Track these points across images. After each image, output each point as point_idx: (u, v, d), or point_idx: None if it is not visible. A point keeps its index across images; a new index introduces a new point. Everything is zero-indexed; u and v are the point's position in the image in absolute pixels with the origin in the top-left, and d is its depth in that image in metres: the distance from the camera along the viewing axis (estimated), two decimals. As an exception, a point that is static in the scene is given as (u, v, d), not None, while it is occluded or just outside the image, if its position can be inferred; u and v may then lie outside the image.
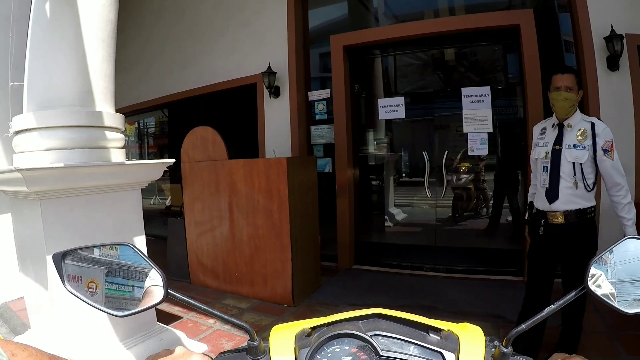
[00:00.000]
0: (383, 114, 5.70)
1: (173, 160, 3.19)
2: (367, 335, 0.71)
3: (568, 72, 2.72)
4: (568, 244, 2.70)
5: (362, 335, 0.71)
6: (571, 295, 0.73)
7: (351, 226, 5.78)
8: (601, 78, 4.40)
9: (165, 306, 4.10)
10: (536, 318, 0.73)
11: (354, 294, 4.65)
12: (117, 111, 3.02)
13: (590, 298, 0.73)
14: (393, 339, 0.72)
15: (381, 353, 0.69)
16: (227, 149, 4.73)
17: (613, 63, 4.31)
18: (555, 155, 2.74)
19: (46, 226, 2.55)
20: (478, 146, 5.02)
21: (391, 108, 5.61)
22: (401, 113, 5.57)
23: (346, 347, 0.71)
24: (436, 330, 0.75)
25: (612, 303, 0.71)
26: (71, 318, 2.62)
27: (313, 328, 0.77)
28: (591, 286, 0.72)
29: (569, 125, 2.72)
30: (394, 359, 0.69)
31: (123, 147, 3.05)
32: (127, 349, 2.86)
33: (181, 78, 7.28)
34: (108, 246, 0.76)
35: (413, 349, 0.71)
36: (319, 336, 0.73)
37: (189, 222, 5.15)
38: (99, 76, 2.79)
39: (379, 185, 6.41)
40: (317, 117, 6.15)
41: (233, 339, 3.56)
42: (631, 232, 2.55)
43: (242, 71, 6.41)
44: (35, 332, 2.98)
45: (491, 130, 4.92)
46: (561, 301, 0.73)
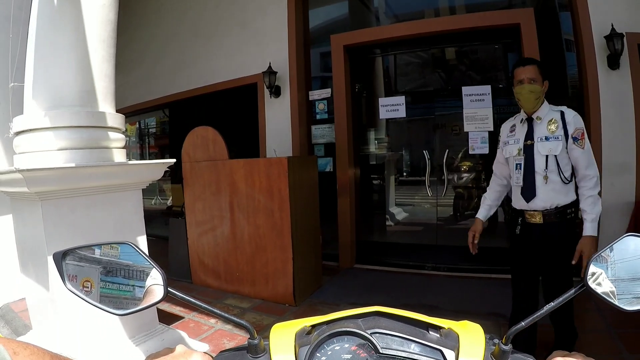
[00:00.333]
0: (384, 113, 5.70)
1: (174, 160, 3.20)
2: (367, 333, 0.71)
3: (529, 64, 2.61)
4: (546, 247, 2.58)
5: (362, 333, 0.71)
6: (570, 292, 0.72)
7: (352, 225, 5.77)
8: (602, 77, 4.39)
9: (166, 306, 4.11)
10: (535, 315, 0.73)
11: (355, 294, 4.65)
12: (118, 111, 3.02)
13: (590, 296, 0.73)
14: (393, 337, 0.72)
15: (381, 351, 0.69)
16: (228, 149, 4.73)
17: (613, 62, 4.31)
18: (528, 150, 2.63)
19: (47, 227, 2.55)
20: (479, 145, 5.02)
21: (392, 107, 5.61)
22: (402, 112, 5.56)
23: (346, 345, 0.72)
24: (436, 327, 0.75)
25: (612, 301, 0.71)
26: (72, 318, 2.62)
27: (313, 326, 0.77)
28: (591, 284, 0.72)
29: (538, 117, 2.61)
30: (394, 357, 0.69)
31: (124, 148, 3.06)
32: (129, 349, 2.86)
33: (182, 78, 7.29)
34: (108, 245, 0.76)
35: (413, 347, 0.71)
36: (319, 334, 0.73)
37: (190, 222, 5.15)
38: (99, 76, 2.79)
39: (380, 184, 6.41)
40: (318, 117, 6.16)
41: (235, 339, 3.56)
42: (589, 229, 2.44)
43: (243, 71, 6.41)
44: (36, 333, 2.98)
45: (492, 129, 4.90)
46: (560, 298, 0.72)
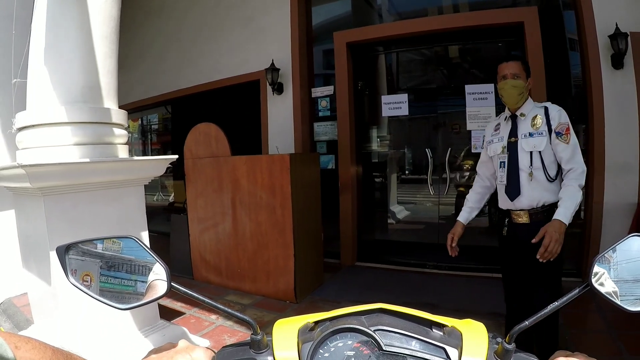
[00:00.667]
0: (386, 111, 5.69)
1: (176, 156, 3.20)
2: (370, 330, 0.71)
3: (513, 60, 2.58)
4: (533, 247, 2.40)
5: (365, 330, 0.71)
6: (575, 292, 0.72)
7: (354, 223, 5.77)
8: (605, 76, 4.37)
9: (168, 302, 4.11)
10: (539, 315, 0.73)
11: (357, 291, 4.65)
12: (121, 108, 3.02)
13: (592, 297, 0.73)
14: (396, 334, 0.72)
15: (384, 348, 0.69)
16: (230, 146, 4.73)
17: (617, 61, 4.29)
18: (512, 148, 2.57)
19: (49, 222, 2.56)
20: (481, 144, 5.00)
21: (394, 105, 5.59)
22: (404, 110, 5.55)
23: (349, 342, 0.71)
24: (439, 325, 0.75)
25: (615, 301, 0.71)
26: (74, 313, 2.63)
27: (316, 322, 0.77)
28: (595, 284, 0.72)
29: (522, 114, 2.56)
30: (397, 354, 0.69)
31: (126, 144, 3.06)
32: (130, 345, 2.87)
33: (184, 75, 7.29)
34: (111, 239, 0.76)
35: (416, 344, 0.71)
36: (322, 330, 0.73)
37: (192, 219, 5.16)
38: (102, 72, 2.79)
39: (382, 182, 6.40)
40: (320, 114, 6.15)
41: (235, 335, 3.57)
42: (560, 214, 2.28)
43: (246, 68, 6.40)
44: (38, 328, 2.99)
45: (494, 127, 4.88)
46: (565, 298, 0.72)
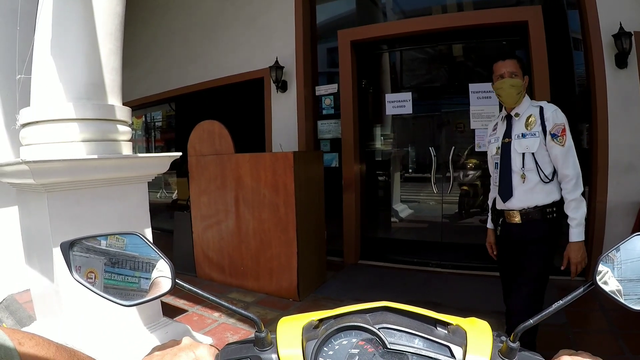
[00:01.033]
0: (390, 110, 5.68)
1: (179, 153, 3.19)
2: (375, 327, 0.71)
3: (509, 58, 2.50)
4: (524, 248, 2.45)
5: (370, 327, 0.70)
6: (579, 291, 0.72)
7: (357, 221, 5.77)
8: (609, 76, 4.36)
9: (170, 299, 4.12)
10: (544, 314, 0.73)
11: (360, 289, 4.65)
12: (125, 104, 3.03)
13: (596, 296, 0.73)
14: (400, 332, 0.71)
15: (388, 346, 0.69)
16: (234, 143, 4.73)
17: (621, 61, 4.28)
18: (505, 148, 2.52)
19: (52, 218, 2.56)
20: (485, 143, 4.99)
21: (398, 103, 5.59)
22: (408, 108, 5.54)
23: (353, 340, 0.71)
24: (444, 324, 0.75)
25: (620, 300, 0.71)
26: (76, 310, 2.64)
27: (320, 320, 0.77)
28: (599, 283, 0.72)
29: (516, 114, 2.50)
30: (401, 352, 0.69)
31: (130, 141, 3.06)
32: (132, 342, 2.87)
33: (188, 72, 7.29)
34: (115, 236, 0.76)
35: (420, 342, 0.70)
36: (327, 328, 0.73)
37: (195, 216, 5.17)
38: (106, 69, 2.79)
39: (386, 180, 6.40)
40: (324, 112, 6.14)
41: (238, 332, 3.57)
42: (575, 235, 2.33)
43: (250, 65, 6.40)
44: (41, 324, 3.00)
45: (498, 126, 4.88)
46: (569, 297, 0.72)
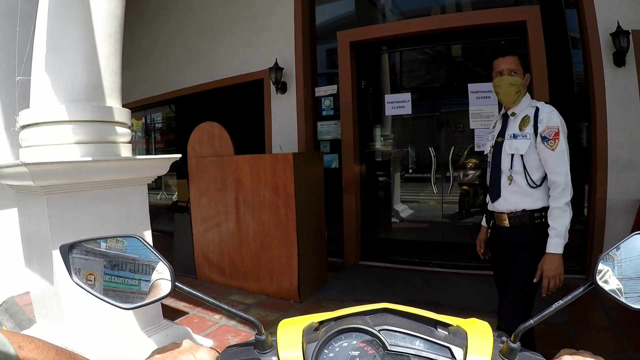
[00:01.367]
0: (390, 110, 5.69)
1: (179, 155, 3.19)
2: (375, 329, 0.70)
3: (510, 54, 2.38)
4: (511, 252, 2.39)
5: (370, 329, 0.70)
6: (579, 290, 0.72)
7: (357, 222, 5.77)
8: (607, 74, 4.38)
9: (171, 301, 4.12)
10: (544, 314, 0.73)
11: (360, 290, 4.65)
12: (124, 106, 3.02)
13: (596, 295, 0.73)
14: (401, 334, 0.71)
15: (389, 347, 0.69)
16: (234, 145, 4.72)
17: (619, 59, 4.30)
18: (497, 148, 2.45)
19: (52, 221, 2.56)
20: (484, 142, 5.00)
21: (398, 104, 5.59)
22: (408, 109, 5.55)
23: (354, 342, 0.71)
24: (444, 325, 0.75)
25: (620, 298, 0.71)
26: (76, 312, 2.63)
27: (320, 322, 0.77)
28: (599, 282, 0.72)
29: (513, 114, 2.40)
30: (402, 354, 0.69)
31: (129, 142, 3.06)
32: (132, 344, 2.87)
33: (188, 73, 7.30)
34: (115, 238, 0.76)
35: (421, 344, 0.70)
36: (327, 330, 0.73)
37: (195, 218, 5.16)
38: (106, 71, 2.79)
39: (386, 181, 6.40)
40: (324, 113, 6.14)
41: (239, 335, 3.57)
42: (553, 246, 2.18)
43: (249, 67, 6.40)
44: (40, 327, 2.99)
45: (498, 126, 4.88)
46: (569, 296, 0.72)
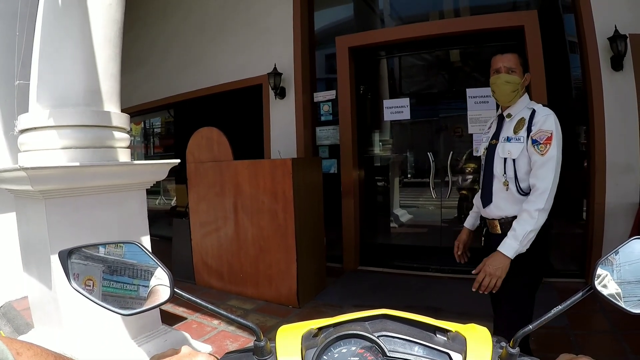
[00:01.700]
0: (388, 115, 5.70)
1: (178, 160, 3.19)
2: (374, 335, 0.71)
3: (509, 52, 2.25)
4: None
5: (369, 335, 0.70)
6: (578, 295, 0.72)
7: (356, 227, 5.76)
8: (605, 78, 4.39)
9: (169, 307, 4.10)
10: (543, 319, 0.73)
11: (360, 295, 4.64)
12: (123, 111, 3.03)
13: (596, 298, 0.73)
14: (400, 340, 0.71)
15: (388, 354, 0.69)
16: (233, 150, 4.72)
17: (617, 63, 4.31)
18: (490, 151, 2.34)
19: (50, 225, 2.55)
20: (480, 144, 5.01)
21: (396, 109, 5.60)
22: (406, 114, 5.56)
23: (353, 348, 0.71)
24: (443, 331, 0.75)
25: (619, 303, 0.72)
26: (74, 318, 2.63)
27: (320, 328, 0.77)
28: (598, 286, 0.72)
29: (509, 115, 2.28)
30: None
31: (128, 147, 3.06)
32: (131, 350, 2.86)
33: (187, 78, 7.30)
34: (114, 244, 0.76)
35: (420, 350, 0.71)
36: (326, 337, 0.73)
37: (194, 223, 5.15)
38: (105, 76, 2.80)
39: (384, 186, 6.40)
40: (323, 118, 6.14)
41: (238, 340, 3.56)
42: (505, 246, 2.03)
43: (248, 72, 6.41)
44: (38, 332, 2.99)
45: (496, 131, 4.88)
46: (568, 301, 0.72)
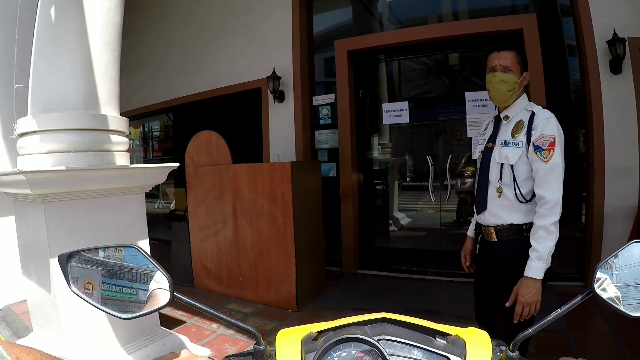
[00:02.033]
0: (387, 119, 5.70)
1: (177, 164, 3.19)
2: (374, 339, 0.70)
3: (507, 49, 2.16)
4: (499, 271, 2.14)
5: (369, 339, 0.70)
6: (578, 299, 0.73)
7: (355, 231, 5.76)
8: (604, 81, 4.40)
9: (168, 310, 4.09)
10: (543, 322, 0.73)
11: (359, 299, 4.64)
12: (122, 115, 3.02)
13: (595, 301, 0.73)
14: (399, 343, 0.71)
15: (387, 357, 0.68)
16: (232, 153, 4.73)
17: (616, 66, 4.32)
18: (486, 154, 2.22)
19: (49, 229, 2.54)
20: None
21: (395, 113, 5.61)
22: (405, 118, 5.57)
23: (352, 352, 0.71)
24: (443, 334, 0.75)
25: (618, 306, 0.72)
26: (74, 321, 2.62)
27: (319, 332, 0.77)
28: (597, 290, 0.72)
29: (506, 117, 2.16)
30: None
31: (127, 151, 3.06)
32: (130, 353, 2.85)
33: (186, 82, 7.30)
34: (113, 248, 0.76)
35: (420, 354, 0.71)
36: (325, 340, 0.73)
37: (193, 226, 5.15)
38: (104, 79, 2.79)
39: (383, 189, 6.40)
40: (322, 122, 6.15)
41: (237, 344, 3.55)
42: (532, 270, 1.91)
43: (247, 75, 6.42)
44: (37, 335, 2.98)
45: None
46: (568, 305, 0.73)
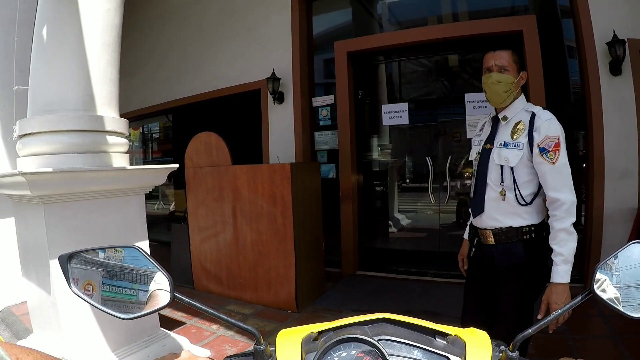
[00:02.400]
0: (387, 120, 5.70)
1: (177, 165, 3.19)
2: (374, 339, 0.71)
3: (503, 49, 2.12)
4: (497, 275, 2.12)
5: (369, 339, 0.70)
6: (577, 299, 0.73)
7: (355, 232, 5.76)
8: (604, 83, 4.40)
9: (168, 311, 4.09)
10: (542, 323, 0.73)
11: (358, 300, 4.64)
12: (122, 116, 3.02)
13: (595, 302, 0.73)
14: (399, 344, 0.72)
15: (388, 357, 0.69)
16: (231, 155, 4.73)
17: (616, 68, 4.32)
18: (484, 156, 2.18)
19: (49, 230, 2.54)
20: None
21: (395, 114, 5.61)
22: (405, 119, 5.57)
23: (353, 352, 0.71)
24: (443, 335, 0.75)
25: (618, 307, 0.72)
26: (74, 322, 2.61)
27: (319, 332, 0.77)
28: (597, 290, 0.72)
29: (505, 117, 2.14)
30: None
31: (127, 152, 3.05)
32: (130, 355, 2.85)
33: (186, 83, 7.31)
34: (114, 249, 0.76)
35: (420, 354, 0.71)
36: (326, 341, 0.73)
37: (193, 228, 5.15)
38: (103, 81, 2.79)
39: (383, 191, 6.40)
40: (321, 123, 6.15)
41: (236, 345, 3.55)
42: (560, 275, 1.87)
43: (247, 77, 6.42)
44: (37, 337, 2.97)
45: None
46: (567, 306, 0.73)
